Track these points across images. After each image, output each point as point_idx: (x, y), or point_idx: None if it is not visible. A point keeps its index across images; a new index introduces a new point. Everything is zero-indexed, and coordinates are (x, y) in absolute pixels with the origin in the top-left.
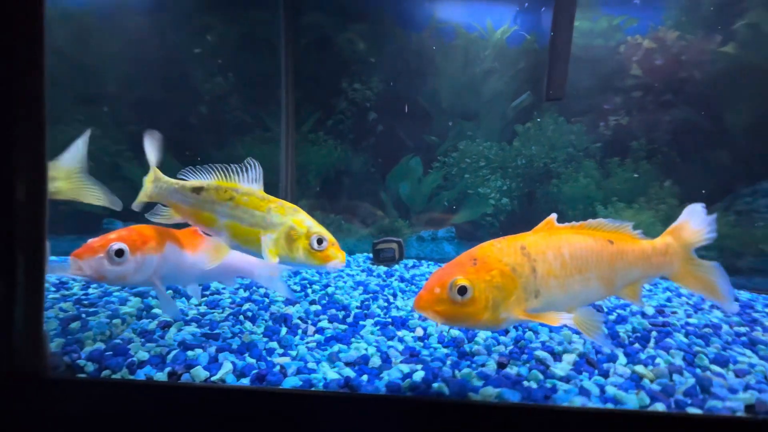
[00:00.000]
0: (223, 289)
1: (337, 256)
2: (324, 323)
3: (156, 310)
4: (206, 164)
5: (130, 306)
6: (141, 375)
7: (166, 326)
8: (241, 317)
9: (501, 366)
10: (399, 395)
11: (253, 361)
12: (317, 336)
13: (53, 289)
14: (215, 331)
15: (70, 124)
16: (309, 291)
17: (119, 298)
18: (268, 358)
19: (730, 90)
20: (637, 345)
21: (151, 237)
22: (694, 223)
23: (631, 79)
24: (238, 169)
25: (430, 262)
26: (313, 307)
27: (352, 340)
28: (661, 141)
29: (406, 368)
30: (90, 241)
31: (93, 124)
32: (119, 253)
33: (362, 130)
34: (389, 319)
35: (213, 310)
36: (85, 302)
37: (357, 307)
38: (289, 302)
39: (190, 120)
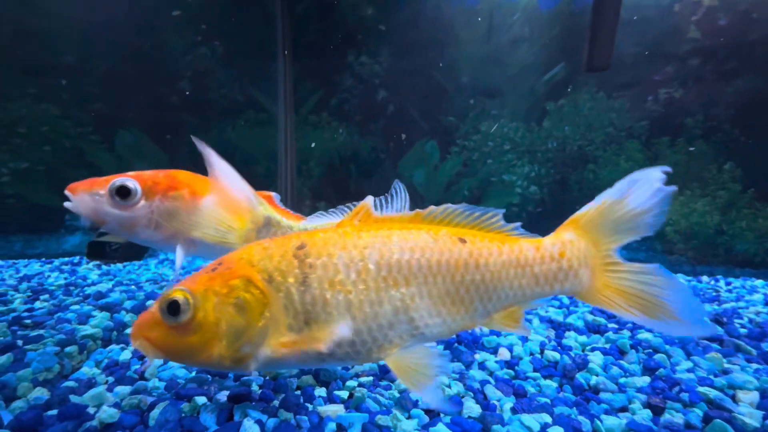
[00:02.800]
0: None
1: None
2: None
3: None
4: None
5: (93, 325)
6: None
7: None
8: None
9: (656, 411)
10: None
11: (290, 416)
12: (366, 364)
13: None
14: None
15: (16, 100)
16: None
17: (78, 313)
18: (310, 407)
19: None
20: None
21: (185, 183)
22: (630, 201)
23: (687, 43)
24: (381, 201)
25: None
26: None
27: None
28: (722, 117)
29: (531, 421)
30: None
31: (48, 101)
32: (123, 191)
33: (370, 110)
34: (454, 335)
35: None
36: (27, 321)
37: None
38: None
39: (170, 98)
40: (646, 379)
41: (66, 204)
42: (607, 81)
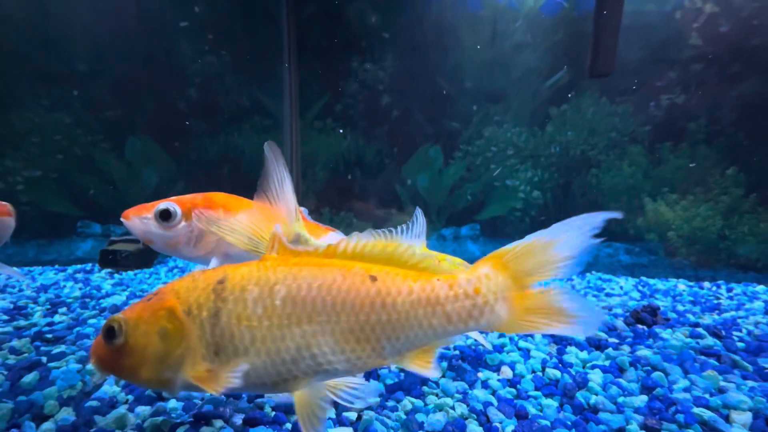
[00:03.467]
0: None
1: None
2: None
3: None
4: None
5: None
6: None
7: None
8: None
9: None
10: None
11: None
12: (371, 382)
13: (4, 317)
14: None
15: (31, 108)
16: None
17: (96, 327)
18: None
19: None
20: None
21: (220, 203)
22: (558, 248)
23: (689, 49)
24: (400, 230)
25: None
26: None
27: (425, 389)
28: (726, 121)
29: None
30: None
31: (61, 110)
32: (165, 215)
33: (375, 115)
34: (457, 352)
35: None
36: (49, 336)
37: None
38: None
39: (178, 105)
40: (644, 398)
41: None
42: (610, 86)
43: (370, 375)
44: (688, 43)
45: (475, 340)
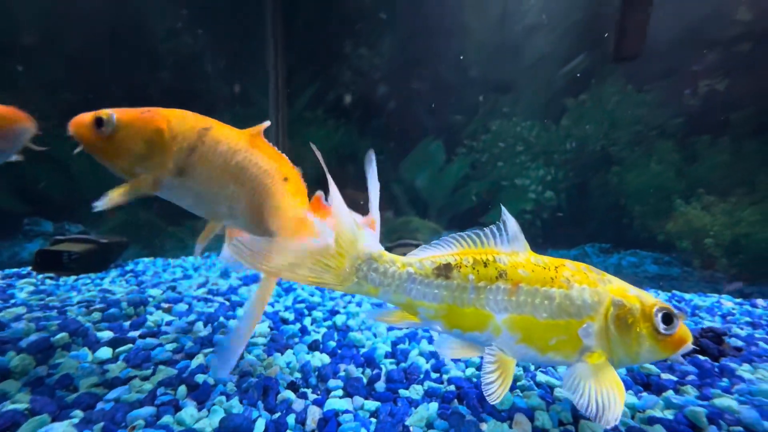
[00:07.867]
0: (166, 324)
1: (689, 337)
2: (337, 397)
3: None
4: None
5: None
6: None
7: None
8: (174, 391)
9: None
10: None
11: None
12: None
13: None
14: None
15: None
16: (308, 322)
17: None
18: None
19: None
20: None
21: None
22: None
23: (734, 27)
24: (490, 232)
25: None
26: (316, 359)
27: None
28: None
29: None
30: None
31: (3, 88)
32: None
33: (370, 106)
34: (452, 387)
35: (138, 369)
36: None
37: (388, 356)
38: (276, 345)
39: (149, 89)
40: None
41: None
42: (636, 72)
43: (325, 419)
44: (735, 19)
45: (477, 370)
